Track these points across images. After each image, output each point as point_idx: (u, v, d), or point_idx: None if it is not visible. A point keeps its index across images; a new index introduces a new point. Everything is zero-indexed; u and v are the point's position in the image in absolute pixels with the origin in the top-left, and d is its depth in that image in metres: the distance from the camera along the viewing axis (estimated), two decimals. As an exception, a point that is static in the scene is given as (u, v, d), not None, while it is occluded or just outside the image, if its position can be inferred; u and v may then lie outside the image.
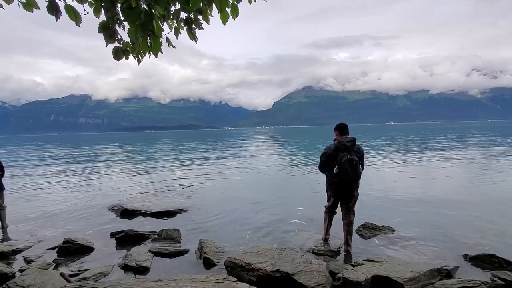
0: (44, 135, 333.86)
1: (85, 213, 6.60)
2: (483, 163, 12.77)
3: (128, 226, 5.43)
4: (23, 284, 3.05)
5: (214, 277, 2.96)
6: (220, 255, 4.05)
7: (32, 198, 8.36)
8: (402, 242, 4.49)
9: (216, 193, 8.43)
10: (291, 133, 78.03)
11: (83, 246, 4.44)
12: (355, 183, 4.10)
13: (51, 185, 10.58)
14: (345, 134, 4.17)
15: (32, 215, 6.56)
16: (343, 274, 3.26)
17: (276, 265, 3.24)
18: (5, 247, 4.49)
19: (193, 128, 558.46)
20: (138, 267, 3.78)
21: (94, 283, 2.78)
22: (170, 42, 2.08)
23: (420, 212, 5.94)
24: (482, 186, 8.30)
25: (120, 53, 1.89)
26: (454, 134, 41.59)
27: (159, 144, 42.82)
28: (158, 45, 1.92)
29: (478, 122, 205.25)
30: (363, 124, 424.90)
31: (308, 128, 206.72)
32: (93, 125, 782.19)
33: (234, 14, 1.99)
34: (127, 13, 1.69)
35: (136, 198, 7.77)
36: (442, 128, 74.72)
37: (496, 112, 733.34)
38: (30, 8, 1.67)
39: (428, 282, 3.16)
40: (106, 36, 1.80)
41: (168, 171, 13.19)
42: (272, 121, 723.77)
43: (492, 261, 3.71)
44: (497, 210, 5.91)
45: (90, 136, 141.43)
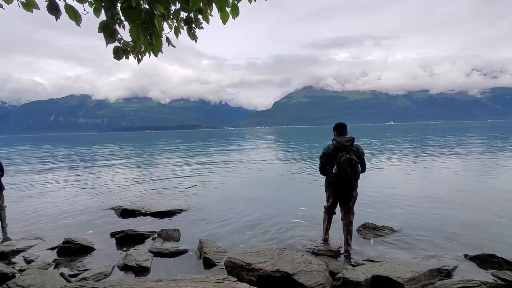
0: (44, 135, 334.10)
1: (85, 213, 6.60)
2: (483, 163, 12.77)
3: (128, 226, 5.42)
4: (23, 284, 3.04)
5: (214, 277, 2.96)
6: (220, 255, 4.05)
7: (32, 198, 8.36)
8: (402, 242, 4.49)
9: (216, 193, 8.43)
10: (291, 133, 78.03)
11: (83, 246, 4.44)
12: (354, 183, 4.10)
13: (51, 185, 10.58)
14: (344, 134, 4.17)
15: (32, 215, 6.56)
16: (343, 274, 3.26)
17: (276, 265, 3.24)
18: (5, 247, 4.49)
19: (193, 128, 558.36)
20: (138, 267, 3.78)
21: (94, 283, 2.78)
22: (170, 41, 2.08)
23: (420, 212, 5.93)
24: (482, 186, 8.31)
25: (120, 53, 1.89)
26: (454, 134, 41.59)
27: (159, 144, 42.82)
28: (159, 45, 1.92)
29: (478, 122, 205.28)
30: (363, 124, 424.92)
31: (308, 128, 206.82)
32: (93, 125, 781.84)
33: (234, 14, 1.99)
34: (127, 13, 1.69)
35: (136, 198, 7.77)
36: (442, 128, 74.74)
37: (496, 112, 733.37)
38: (30, 8, 1.67)
39: (428, 282, 3.16)
40: (107, 36, 1.80)
41: (168, 171, 13.18)
42: (272, 121, 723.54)
43: (492, 261, 3.71)
44: (497, 210, 5.90)
45: (90, 136, 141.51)
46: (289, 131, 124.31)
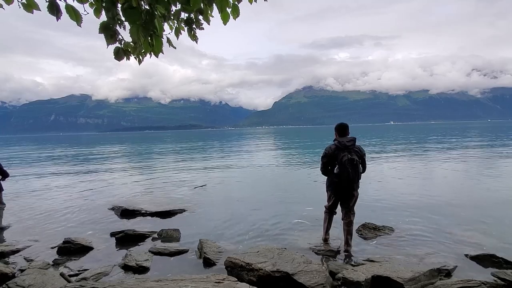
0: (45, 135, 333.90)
1: (85, 213, 6.60)
2: (484, 163, 12.78)
3: (128, 226, 5.43)
4: (23, 284, 3.05)
5: (214, 277, 2.96)
6: (220, 255, 4.05)
7: (33, 198, 8.35)
8: (402, 242, 4.49)
9: (216, 193, 8.43)
10: (292, 133, 78.01)
11: (83, 246, 4.44)
12: (356, 183, 4.11)
13: (52, 185, 10.56)
14: (345, 134, 4.19)
15: (32, 215, 6.55)
16: (343, 274, 3.26)
17: (276, 265, 3.24)
18: (5, 247, 4.49)
19: (193, 128, 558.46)
20: (138, 267, 3.78)
21: (94, 283, 2.78)
22: (171, 42, 2.08)
23: (420, 212, 5.93)
24: (482, 186, 8.30)
25: (121, 54, 1.89)
26: (454, 134, 41.58)
27: (159, 144, 42.81)
28: (160, 45, 1.92)
29: (478, 122, 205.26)
30: (363, 124, 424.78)
31: (308, 128, 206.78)
32: (93, 125, 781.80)
33: (234, 14, 1.99)
34: (128, 13, 1.69)
35: (136, 198, 7.77)
36: (442, 128, 74.71)
37: (496, 112, 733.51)
38: (30, 9, 1.67)
39: (428, 282, 3.16)
40: (107, 37, 1.80)
41: (169, 171, 13.18)
42: (272, 121, 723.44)
43: (492, 261, 3.71)
44: (497, 210, 5.91)
45: (90, 136, 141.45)
46: (289, 131, 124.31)
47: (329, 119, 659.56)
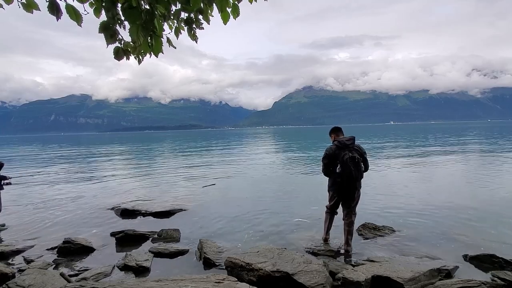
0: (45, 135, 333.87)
1: (85, 213, 6.60)
2: (484, 164, 12.77)
3: (128, 226, 5.42)
4: (23, 284, 3.05)
5: (214, 277, 2.96)
6: (220, 255, 4.05)
7: (33, 198, 8.36)
8: (402, 242, 4.49)
9: (216, 192, 8.42)
10: (292, 133, 78.00)
11: (83, 246, 4.44)
12: (358, 181, 4.11)
13: (52, 184, 10.57)
14: (341, 135, 4.26)
15: (32, 215, 6.56)
16: (343, 274, 3.26)
17: (276, 265, 3.24)
18: (5, 247, 4.49)
19: (193, 128, 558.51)
20: (138, 267, 3.78)
21: (94, 283, 2.78)
22: (171, 42, 2.08)
23: (420, 212, 5.93)
24: (482, 186, 8.30)
25: (121, 53, 1.89)
26: (455, 134, 41.58)
27: (159, 144, 42.81)
28: (159, 45, 1.92)
29: (478, 122, 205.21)
30: (363, 124, 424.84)
31: (308, 128, 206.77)
32: (93, 125, 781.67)
33: (234, 14, 1.99)
34: (127, 13, 1.69)
35: (136, 198, 7.77)
36: (442, 128, 74.70)
37: (496, 112, 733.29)
38: (30, 9, 1.67)
39: (428, 282, 3.15)
40: (107, 37, 1.80)
41: (169, 171, 13.18)
42: (272, 121, 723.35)
43: (492, 261, 3.71)
44: (497, 210, 5.90)
45: (90, 136, 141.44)
46: (289, 131, 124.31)
47: (329, 119, 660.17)
